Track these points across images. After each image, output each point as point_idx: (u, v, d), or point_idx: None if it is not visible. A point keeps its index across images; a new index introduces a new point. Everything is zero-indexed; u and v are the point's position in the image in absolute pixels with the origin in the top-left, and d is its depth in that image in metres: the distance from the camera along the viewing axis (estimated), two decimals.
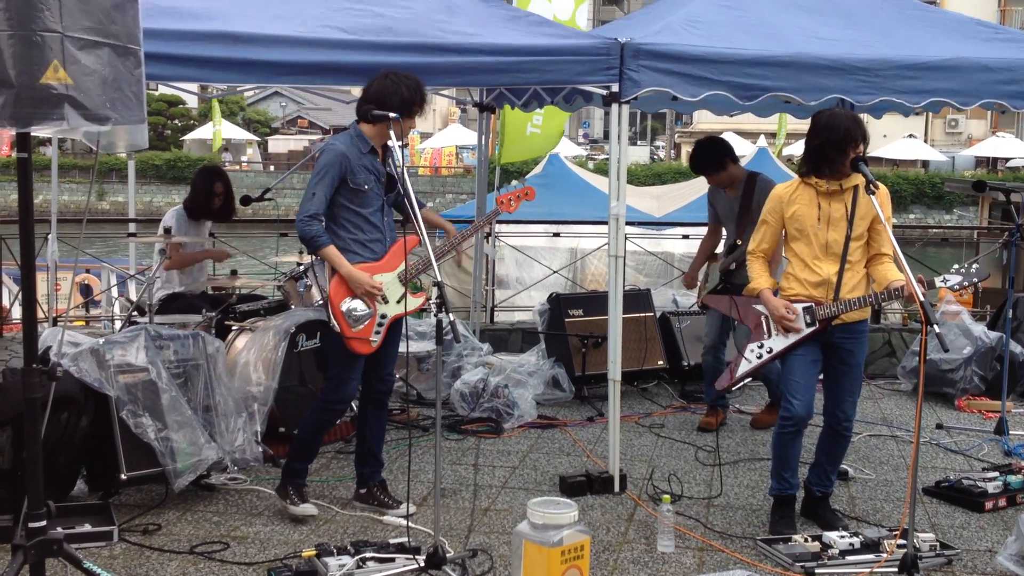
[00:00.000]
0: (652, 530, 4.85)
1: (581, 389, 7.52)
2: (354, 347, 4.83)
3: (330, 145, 4.81)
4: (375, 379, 5.05)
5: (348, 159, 4.73)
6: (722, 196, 6.79)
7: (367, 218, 4.83)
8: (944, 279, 4.65)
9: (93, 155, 4.75)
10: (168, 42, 4.70)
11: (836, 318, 4.70)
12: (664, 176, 35.57)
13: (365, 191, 4.78)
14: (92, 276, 13.36)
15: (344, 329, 4.78)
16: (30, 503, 3.32)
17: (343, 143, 4.78)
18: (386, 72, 4.76)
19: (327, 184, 4.70)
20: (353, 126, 4.85)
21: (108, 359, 4.95)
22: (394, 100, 4.65)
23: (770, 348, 4.85)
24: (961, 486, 5.43)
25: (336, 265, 4.75)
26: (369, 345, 4.85)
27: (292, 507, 4.94)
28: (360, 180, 4.76)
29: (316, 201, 4.69)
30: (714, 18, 5.85)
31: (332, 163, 4.71)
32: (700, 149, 6.71)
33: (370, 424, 5.12)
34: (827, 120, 4.65)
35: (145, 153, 38.33)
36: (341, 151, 4.73)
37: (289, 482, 5.00)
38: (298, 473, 5.03)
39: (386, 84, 4.69)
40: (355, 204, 4.78)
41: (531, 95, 6.61)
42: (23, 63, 2.93)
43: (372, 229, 4.86)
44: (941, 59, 5.73)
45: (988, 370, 7.70)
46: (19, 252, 3.38)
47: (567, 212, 12.47)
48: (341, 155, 4.72)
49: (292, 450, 5.06)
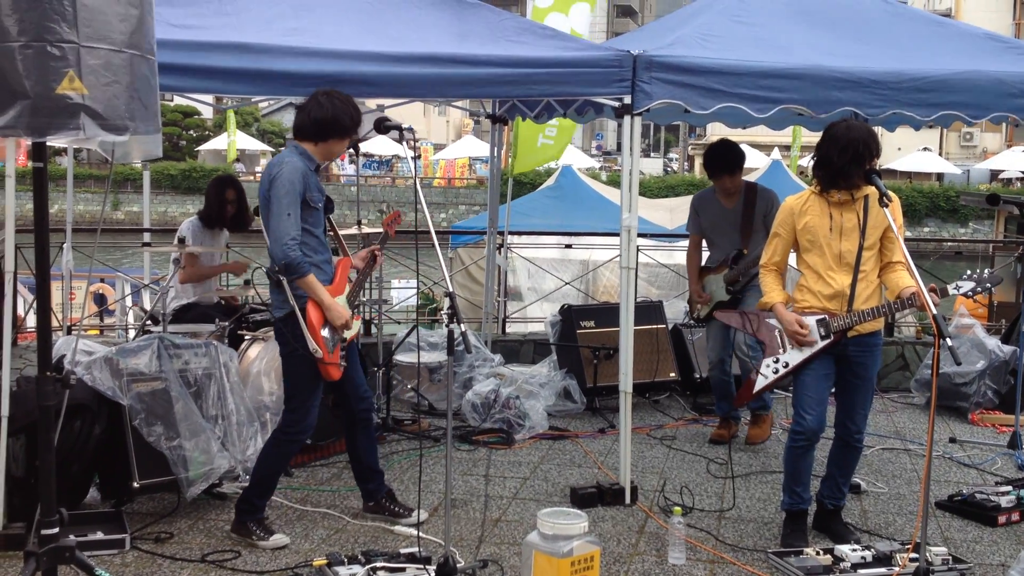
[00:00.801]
0: (663, 542, 4.84)
1: (592, 401, 7.51)
2: (331, 372, 4.75)
3: (286, 162, 4.64)
4: (354, 399, 4.97)
5: (307, 176, 4.65)
6: (715, 205, 6.75)
7: (318, 237, 4.77)
8: (957, 286, 4.63)
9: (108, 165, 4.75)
10: (183, 52, 4.72)
11: (850, 329, 4.69)
12: (677, 188, 35.52)
13: (318, 209, 4.73)
14: (106, 285, 13.43)
15: (325, 355, 4.69)
16: (43, 510, 3.33)
17: (299, 159, 4.67)
18: (330, 92, 4.72)
19: (298, 203, 4.58)
20: (293, 144, 4.77)
21: (122, 368, 4.98)
22: (344, 122, 4.69)
23: (786, 362, 4.83)
24: (974, 500, 5.41)
25: (316, 294, 4.65)
26: (339, 370, 4.78)
27: (261, 542, 4.71)
28: (316, 198, 4.69)
29: (294, 223, 4.56)
30: (727, 31, 5.86)
31: (295, 180, 4.58)
32: (727, 149, 6.64)
33: (361, 445, 5.03)
34: (843, 132, 4.61)
35: (160, 163, 38.55)
36: (301, 168, 4.63)
37: (248, 519, 4.77)
38: (256, 509, 4.80)
39: (337, 106, 4.66)
40: (309, 224, 4.68)
41: (543, 107, 6.63)
42: (38, 73, 2.95)
43: (323, 249, 4.81)
44: (954, 72, 5.73)
45: (1002, 384, 7.67)
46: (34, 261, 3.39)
47: (579, 224, 12.48)
48: (303, 172, 4.63)
49: (251, 485, 4.81)
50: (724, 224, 6.70)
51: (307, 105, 4.72)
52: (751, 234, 6.56)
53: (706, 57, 5.49)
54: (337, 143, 4.78)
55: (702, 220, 6.87)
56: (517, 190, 12.93)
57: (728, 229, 6.68)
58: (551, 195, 14.62)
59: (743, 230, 6.59)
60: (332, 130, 4.70)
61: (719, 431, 6.80)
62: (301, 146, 4.76)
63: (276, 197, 4.58)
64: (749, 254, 6.52)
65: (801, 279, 4.85)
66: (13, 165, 4.52)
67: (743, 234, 6.60)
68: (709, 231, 6.85)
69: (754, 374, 4.99)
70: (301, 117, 4.74)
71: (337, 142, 4.77)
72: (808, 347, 4.74)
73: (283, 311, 4.69)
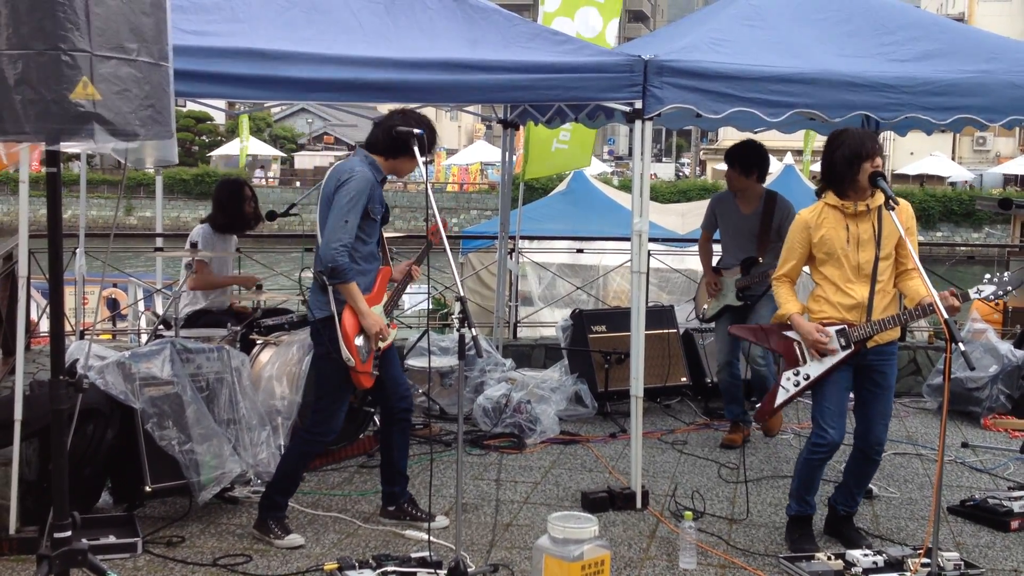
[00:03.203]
0: (674, 547, 4.83)
1: (604, 405, 7.51)
2: (362, 381, 4.82)
3: (357, 171, 4.72)
4: (395, 398, 5.04)
5: (374, 187, 4.73)
6: (734, 209, 6.73)
7: (371, 250, 4.85)
8: (978, 290, 4.61)
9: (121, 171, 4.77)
10: (196, 59, 4.74)
11: (870, 339, 4.67)
12: (689, 193, 35.51)
13: (376, 221, 4.81)
14: (119, 290, 13.49)
15: (358, 364, 4.75)
16: (55, 514, 3.35)
17: (368, 169, 4.75)
18: (402, 111, 4.87)
19: (359, 212, 4.66)
20: (364, 154, 4.83)
21: (134, 372, 5.00)
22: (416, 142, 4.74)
23: (807, 375, 4.78)
24: (986, 505, 5.39)
25: (355, 302, 4.71)
26: (371, 378, 4.84)
27: (277, 541, 4.77)
28: (376, 210, 4.76)
29: (350, 229, 4.64)
30: (738, 35, 5.85)
31: (363, 190, 4.67)
32: (754, 150, 6.59)
33: (397, 445, 5.10)
34: (837, 136, 4.68)
35: (173, 169, 38.66)
36: (370, 178, 4.72)
37: (269, 516, 4.85)
38: (278, 507, 4.89)
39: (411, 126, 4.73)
40: (365, 233, 4.76)
41: (555, 112, 6.64)
42: (52, 80, 2.97)
43: (372, 259, 4.87)
44: (968, 76, 5.71)
45: (1014, 389, 7.64)
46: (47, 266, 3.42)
47: (591, 229, 12.47)
48: (371, 183, 4.71)
49: (274, 482, 4.92)
50: (741, 229, 6.68)
51: (384, 121, 4.82)
52: (767, 243, 6.53)
53: (717, 62, 5.48)
54: (407, 162, 4.84)
55: (719, 221, 6.87)
56: (529, 195, 12.94)
57: (745, 234, 6.66)
58: (563, 200, 14.63)
59: (760, 238, 6.57)
60: (406, 149, 4.75)
61: (730, 436, 6.78)
62: (371, 157, 4.83)
63: (339, 201, 4.66)
64: (764, 263, 6.49)
65: (817, 290, 4.82)
66: (27, 171, 4.55)
67: (760, 242, 6.58)
68: (724, 233, 6.84)
69: (775, 387, 4.95)
70: (376, 132, 4.84)
71: (407, 161, 4.83)
72: (829, 358, 4.72)
73: (323, 313, 4.76)
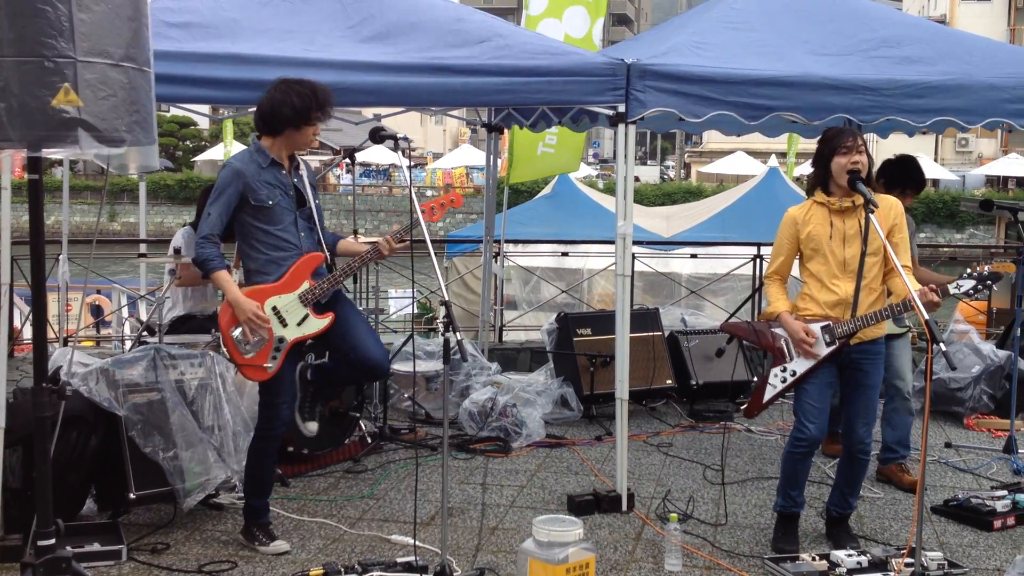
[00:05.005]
0: (660, 549, 4.84)
1: (589, 408, 7.52)
2: (247, 374, 4.73)
3: (229, 163, 4.68)
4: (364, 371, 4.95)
5: (244, 176, 4.58)
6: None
7: (277, 235, 4.67)
8: (958, 285, 4.64)
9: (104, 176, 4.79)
10: (178, 63, 4.76)
11: (854, 335, 4.70)
12: (674, 195, 35.58)
13: (270, 207, 4.62)
14: (103, 297, 13.43)
15: (234, 356, 4.66)
16: (39, 521, 3.34)
17: (239, 160, 4.65)
18: (279, 81, 4.62)
19: (222, 203, 4.58)
20: (254, 140, 4.73)
21: (118, 379, 4.98)
22: (285, 112, 4.54)
23: (793, 371, 4.82)
24: (969, 505, 5.41)
25: (225, 290, 4.61)
26: (264, 372, 4.68)
27: (262, 547, 4.76)
28: (263, 196, 4.60)
29: (210, 221, 4.58)
30: (721, 39, 5.88)
31: (227, 181, 4.58)
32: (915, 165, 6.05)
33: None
34: (823, 134, 4.76)
35: (156, 174, 38.60)
36: (236, 168, 4.60)
37: (253, 524, 4.84)
38: (258, 512, 4.85)
39: (275, 96, 4.57)
40: (262, 222, 4.64)
41: (539, 115, 6.65)
42: (35, 87, 2.97)
43: (286, 246, 4.69)
44: (946, 78, 5.75)
45: (997, 389, 7.68)
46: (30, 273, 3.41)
47: (576, 232, 12.51)
48: (236, 172, 4.59)
49: (246, 488, 4.90)
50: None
51: (262, 100, 4.63)
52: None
53: (699, 65, 5.51)
54: (296, 133, 4.62)
55: None
56: (515, 198, 12.97)
57: None
58: (548, 203, 14.68)
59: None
60: (278, 121, 4.58)
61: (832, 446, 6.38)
62: (258, 142, 4.69)
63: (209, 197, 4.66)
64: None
65: (804, 287, 4.85)
66: (8, 177, 4.53)
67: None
68: None
69: (762, 383, 4.98)
70: (255, 113, 4.70)
71: (295, 132, 4.61)
72: (812, 355, 4.76)
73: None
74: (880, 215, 4.60)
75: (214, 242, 4.59)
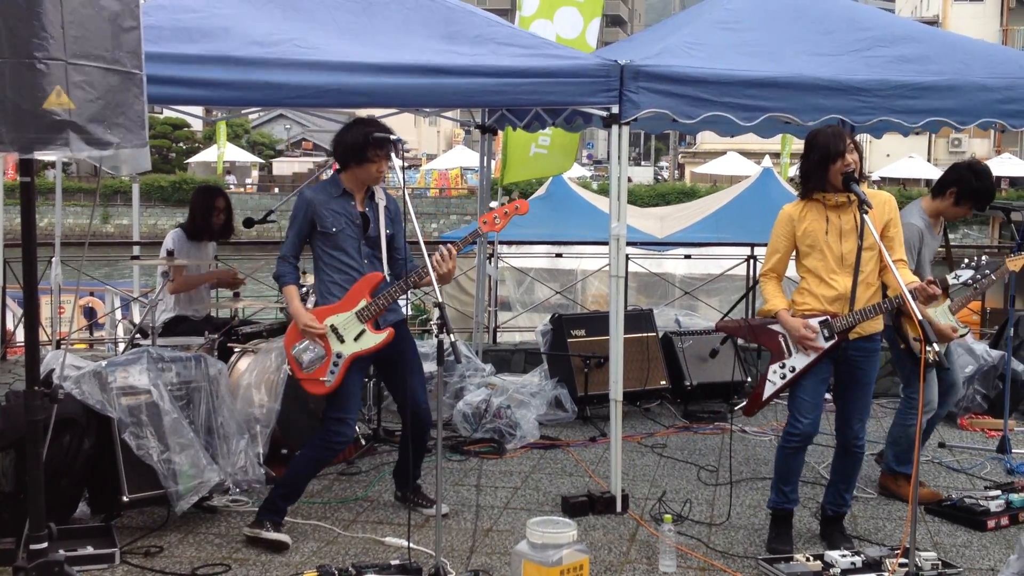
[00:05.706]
0: (654, 550, 4.85)
1: (584, 409, 7.52)
2: (306, 388, 4.94)
3: (301, 192, 5.10)
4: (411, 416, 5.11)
5: (313, 205, 4.93)
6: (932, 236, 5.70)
7: (342, 260, 4.96)
8: (956, 275, 4.64)
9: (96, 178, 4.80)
10: (171, 65, 4.74)
11: (852, 329, 4.71)
12: (668, 196, 35.62)
13: (334, 233, 4.92)
14: (96, 299, 13.38)
15: (295, 370, 4.94)
16: (32, 525, 3.33)
17: (312, 189, 5.03)
18: (353, 120, 5.05)
19: (295, 229, 4.98)
20: (331, 173, 5.10)
21: (110, 381, 4.97)
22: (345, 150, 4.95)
23: (792, 367, 4.83)
24: (963, 505, 5.42)
25: (290, 304, 4.96)
26: (322, 385, 4.88)
27: (266, 533, 4.81)
28: (328, 223, 4.92)
29: (287, 244, 5.00)
30: (714, 40, 5.88)
31: (298, 208, 4.96)
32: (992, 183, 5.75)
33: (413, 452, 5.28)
34: (810, 139, 4.75)
35: (149, 176, 38.53)
36: (306, 198, 4.97)
37: (267, 518, 4.88)
38: (278, 511, 4.92)
39: (340, 133, 4.99)
40: (328, 247, 4.96)
41: (532, 116, 6.64)
42: (25, 89, 2.97)
43: (348, 270, 4.97)
44: (939, 79, 5.76)
45: (990, 389, 7.70)
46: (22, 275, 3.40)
47: (570, 233, 12.50)
48: (306, 201, 4.95)
49: (279, 485, 4.96)
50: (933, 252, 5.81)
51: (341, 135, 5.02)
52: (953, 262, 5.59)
53: (692, 66, 5.51)
54: (359, 168, 4.95)
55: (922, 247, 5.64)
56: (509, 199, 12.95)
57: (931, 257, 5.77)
58: (542, 204, 14.65)
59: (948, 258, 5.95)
60: (345, 157, 4.95)
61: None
62: (335, 174, 5.06)
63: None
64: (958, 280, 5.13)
65: (802, 283, 4.87)
66: (1, 179, 4.53)
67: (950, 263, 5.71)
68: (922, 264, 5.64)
69: (762, 380, 4.98)
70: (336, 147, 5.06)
71: (358, 167, 4.95)
72: (813, 350, 4.77)
73: None
74: (874, 213, 4.62)
75: (289, 261, 5.01)
